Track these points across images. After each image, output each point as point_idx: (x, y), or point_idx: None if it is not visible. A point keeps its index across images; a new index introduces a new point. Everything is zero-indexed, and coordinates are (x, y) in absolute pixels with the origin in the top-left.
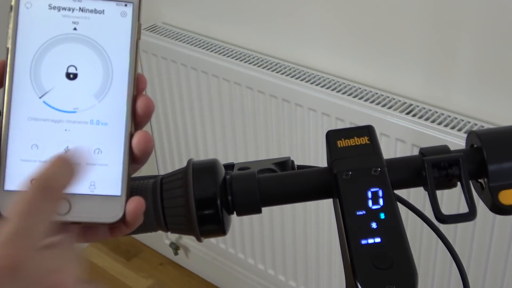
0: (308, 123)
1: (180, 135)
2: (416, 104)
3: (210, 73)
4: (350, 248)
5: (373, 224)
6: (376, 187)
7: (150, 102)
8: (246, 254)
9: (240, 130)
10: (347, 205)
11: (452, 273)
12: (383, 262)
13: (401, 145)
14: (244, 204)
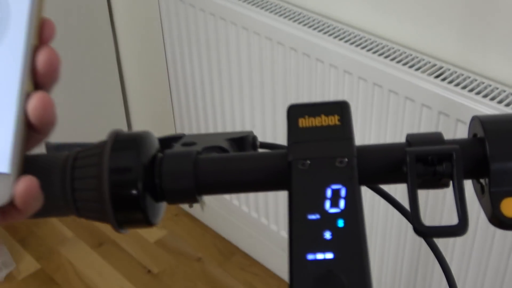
0: (328, 81)
1: (197, 91)
2: (448, 67)
3: (228, 20)
4: (291, 263)
5: (326, 234)
6: (338, 184)
7: (54, 56)
8: (259, 213)
9: (258, 84)
10: (297, 204)
11: None
12: (329, 287)
13: (427, 111)
14: (175, 191)
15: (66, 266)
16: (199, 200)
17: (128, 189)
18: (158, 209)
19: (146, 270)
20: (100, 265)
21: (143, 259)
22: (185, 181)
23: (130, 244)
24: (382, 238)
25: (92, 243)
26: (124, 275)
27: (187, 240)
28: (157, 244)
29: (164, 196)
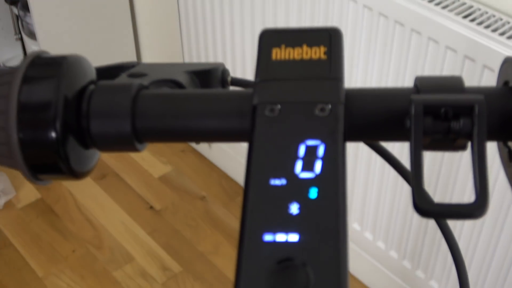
0: (346, 16)
1: (207, 20)
2: (478, 6)
3: None
4: (241, 244)
5: (292, 207)
6: (315, 139)
7: None
8: None
9: (270, 13)
10: (257, 164)
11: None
12: (290, 283)
13: (451, 55)
14: (106, 136)
15: (67, 197)
16: (140, 149)
17: (42, 131)
18: (88, 157)
19: (148, 205)
20: (102, 198)
21: (145, 195)
22: (119, 122)
23: (133, 178)
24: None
25: (95, 175)
26: (126, 210)
27: (192, 178)
28: (161, 180)
29: (94, 141)
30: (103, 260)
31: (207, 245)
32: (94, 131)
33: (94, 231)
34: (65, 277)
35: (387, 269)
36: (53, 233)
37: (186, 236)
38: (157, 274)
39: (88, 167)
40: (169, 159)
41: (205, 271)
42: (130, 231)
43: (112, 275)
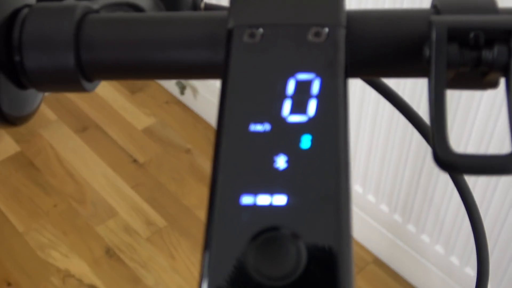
0: None
1: None
2: None
3: None
4: (212, 210)
5: (279, 160)
6: (308, 72)
7: None
8: None
9: None
10: (234, 104)
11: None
12: (276, 260)
13: None
14: (44, 71)
15: (47, 151)
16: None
17: None
18: (23, 99)
19: (132, 159)
20: (83, 151)
21: (129, 148)
22: (60, 54)
23: (116, 131)
24: (370, 142)
25: (76, 127)
26: (108, 163)
27: (176, 130)
28: (144, 132)
29: (30, 80)
30: (85, 215)
31: (192, 199)
32: (29, 66)
33: (76, 185)
34: (46, 232)
35: (378, 223)
36: (33, 188)
37: (171, 190)
38: (141, 229)
39: (25, 111)
40: (153, 111)
41: (190, 225)
42: (113, 185)
43: (95, 230)
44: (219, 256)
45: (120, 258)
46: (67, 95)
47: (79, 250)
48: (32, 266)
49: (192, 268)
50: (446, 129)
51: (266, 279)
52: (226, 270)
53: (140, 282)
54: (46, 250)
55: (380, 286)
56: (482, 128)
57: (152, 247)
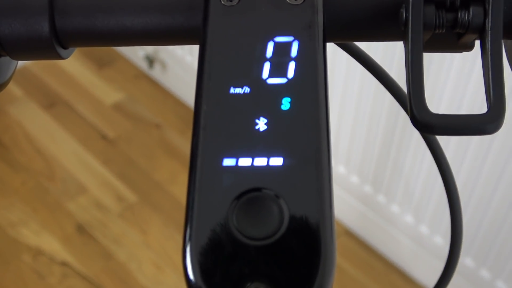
0: None
1: None
2: None
3: None
4: (194, 172)
5: (259, 122)
6: (287, 35)
7: None
8: None
9: None
10: (213, 68)
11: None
12: (258, 220)
13: None
14: (18, 38)
15: (14, 127)
16: (64, 56)
17: None
18: None
19: (101, 135)
20: (52, 128)
21: (98, 123)
22: (34, 20)
23: (84, 106)
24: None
25: (43, 103)
26: (77, 139)
27: (146, 105)
28: (113, 108)
29: (2, 46)
30: (55, 192)
31: (163, 174)
32: (3, 33)
33: (45, 162)
34: (16, 210)
35: (349, 194)
36: (1, 165)
37: (141, 166)
38: (113, 205)
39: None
40: (122, 86)
41: (162, 200)
42: (82, 162)
43: (66, 207)
44: (202, 218)
45: (92, 234)
46: (33, 70)
47: (50, 227)
48: (2, 244)
49: (164, 243)
50: (423, 91)
51: (249, 239)
52: (209, 232)
53: (112, 258)
54: (16, 228)
55: (352, 257)
56: (453, 90)
57: (123, 223)
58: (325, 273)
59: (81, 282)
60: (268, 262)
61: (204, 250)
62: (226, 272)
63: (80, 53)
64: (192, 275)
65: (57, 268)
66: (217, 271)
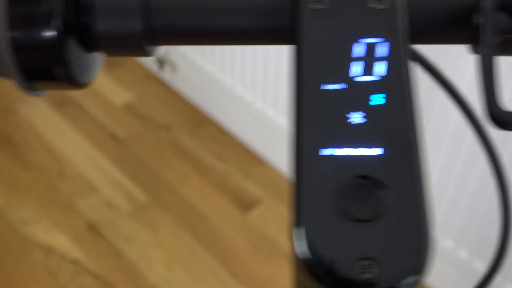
0: None
1: None
2: None
3: None
4: (299, 162)
5: (353, 116)
6: (375, 36)
7: None
8: (235, 80)
9: None
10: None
11: None
12: (362, 204)
13: None
14: (113, 35)
15: (25, 127)
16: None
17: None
18: (88, 61)
19: (111, 135)
20: (62, 127)
21: (108, 123)
22: (129, 19)
23: (94, 106)
24: None
25: (54, 102)
26: (88, 139)
27: (155, 106)
28: (123, 108)
29: (98, 43)
30: (66, 191)
31: (173, 174)
32: (99, 30)
33: (55, 161)
34: (27, 208)
35: None
36: (12, 164)
37: (151, 166)
38: (123, 204)
39: (90, 74)
40: (131, 86)
41: (171, 201)
42: (93, 161)
43: (76, 206)
44: (309, 203)
45: (102, 233)
46: None
47: (61, 225)
48: (13, 242)
49: (174, 243)
50: (497, 90)
51: (356, 221)
52: (320, 214)
53: (123, 256)
54: (27, 226)
55: None
56: None
57: (133, 222)
58: (425, 252)
59: (92, 280)
60: (374, 241)
61: (315, 232)
62: (335, 251)
63: None
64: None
65: (68, 266)
66: (329, 248)
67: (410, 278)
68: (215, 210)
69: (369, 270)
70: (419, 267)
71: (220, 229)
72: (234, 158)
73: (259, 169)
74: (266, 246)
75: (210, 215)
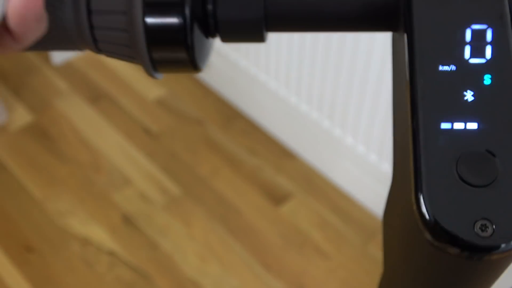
0: None
1: None
2: None
3: None
4: (416, 134)
5: (467, 94)
6: (482, 23)
7: None
8: (269, 75)
9: None
10: (422, 50)
11: None
12: (478, 171)
13: None
14: (234, 22)
15: (61, 121)
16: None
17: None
18: (207, 47)
19: (145, 129)
20: (97, 122)
21: (141, 118)
22: (251, 6)
23: (127, 101)
24: None
25: (88, 97)
26: (122, 133)
27: (187, 102)
28: (156, 103)
29: (219, 29)
30: (101, 184)
31: (205, 168)
32: (221, 17)
33: (91, 154)
34: (63, 200)
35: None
36: (49, 157)
37: (185, 159)
38: (157, 197)
39: (205, 60)
40: (164, 82)
41: (205, 194)
42: (127, 155)
43: (112, 198)
44: (430, 171)
45: (137, 225)
46: (78, 65)
47: (97, 217)
48: (51, 233)
49: (208, 236)
50: None
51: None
52: (441, 181)
53: (158, 248)
54: (64, 218)
55: None
56: None
57: (167, 215)
58: None
59: (128, 271)
60: (490, 203)
61: (437, 196)
62: (456, 212)
63: None
64: (429, 215)
65: (105, 257)
66: (450, 211)
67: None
68: (247, 203)
69: (486, 229)
70: None
71: (252, 222)
72: (266, 152)
73: (290, 163)
74: (298, 239)
75: (243, 209)
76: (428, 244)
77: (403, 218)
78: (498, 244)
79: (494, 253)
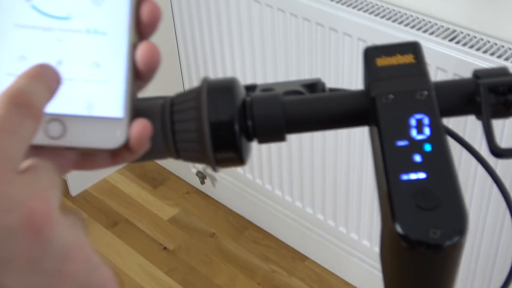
0: (342, 49)
1: (207, 55)
2: (461, 30)
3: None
4: (389, 184)
5: (416, 157)
6: (421, 114)
7: (156, 8)
8: (273, 185)
9: (270, 54)
10: (386, 133)
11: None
12: (427, 202)
13: (442, 74)
14: (266, 130)
15: None
16: (286, 139)
17: (226, 131)
18: (249, 148)
19: (162, 247)
20: (116, 244)
21: (158, 237)
22: (276, 121)
23: (144, 223)
24: None
25: (107, 223)
26: (141, 253)
27: (199, 217)
28: (170, 222)
29: (256, 136)
30: None
31: (223, 278)
32: (258, 129)
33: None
34: None
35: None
36: None
37: (202, 272)
38: None
39: (249, 157)
40: (175, 202)
41: None
42: (148, 273)
43: None
44: (399, 205)
45: None
46: (95, 194)
47: None
48: None
49: None
50: (493, 136)
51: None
52: (406, 210)
53: None
54: None
55: None
56: None
57: None
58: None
59: None
60: (438, 220)
61: (406, 220)
62: (417, 227)
63: (135, 176)
64: (403, 231)
65: None
66: (413, 227)
67: (456, 237)
68: None
69: (436, 234)
70: (461, 231)
71: None
72: (278, 257)
73: (302, 265)
74: None
75: None
76: (405, 250)
77: (387, 240)
78: (445, 242)
79: (444, 247)
